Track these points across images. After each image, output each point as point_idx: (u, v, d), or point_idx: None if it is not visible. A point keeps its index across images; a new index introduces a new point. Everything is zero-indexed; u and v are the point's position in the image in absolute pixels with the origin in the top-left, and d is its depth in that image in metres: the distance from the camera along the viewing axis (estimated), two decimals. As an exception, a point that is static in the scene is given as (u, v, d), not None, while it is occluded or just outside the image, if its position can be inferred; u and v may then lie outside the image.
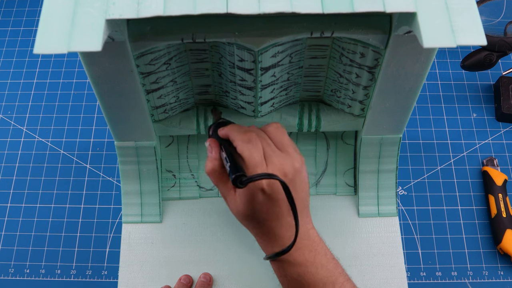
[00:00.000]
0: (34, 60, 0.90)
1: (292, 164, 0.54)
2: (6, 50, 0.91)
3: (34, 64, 0.89)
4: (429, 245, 0.75)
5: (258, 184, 0.52)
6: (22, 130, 0.83)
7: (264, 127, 0.58)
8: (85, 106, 0.85)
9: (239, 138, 0.55)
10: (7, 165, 0.81)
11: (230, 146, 0.56)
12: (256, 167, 0.52)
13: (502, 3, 0.84)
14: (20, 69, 0.89)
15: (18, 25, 0.93)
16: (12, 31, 0.93)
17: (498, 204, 0.75)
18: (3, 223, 0.77)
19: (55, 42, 0.40)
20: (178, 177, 0.77)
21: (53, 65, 0.89)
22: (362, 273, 0.72)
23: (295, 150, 0.57)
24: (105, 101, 0.61)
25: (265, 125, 0.58)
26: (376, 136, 0.70)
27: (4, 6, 0.96)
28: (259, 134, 0.56)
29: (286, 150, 0.56)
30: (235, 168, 0.52)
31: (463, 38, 0.41)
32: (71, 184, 0.79)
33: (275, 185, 0.52)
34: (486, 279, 0.72)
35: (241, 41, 0.53)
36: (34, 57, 0.90)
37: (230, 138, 0.56)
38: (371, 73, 0.60)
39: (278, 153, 0.55)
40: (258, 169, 0.52)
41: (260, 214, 0.54)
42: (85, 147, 0.82)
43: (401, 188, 0.79)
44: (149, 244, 0.74)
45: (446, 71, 0.89)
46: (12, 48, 0.91)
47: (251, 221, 0.56)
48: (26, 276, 0.73)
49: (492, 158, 0.80)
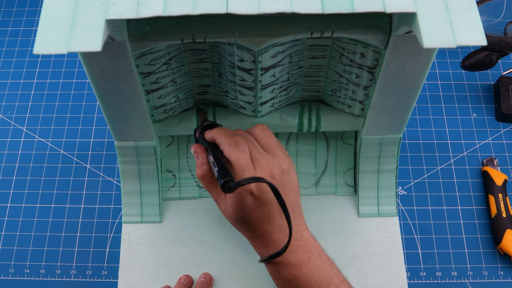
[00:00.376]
0: (34, 60, 0.90)
1: (280, 166, 0.55)
2: (6, 50, 0.91)
3: (34, 64, 0.89)
4: (429, 245, 0.75)
5: (247, 187, 0.52)
6: (22, 130, 0.83)
7: (250, 130, 0.58)
8: (85, 106, 0.85)
9: (226, 142, 0.55)
10: (7, 165, 0.81)
11: (217, 150, 0.56)
12: (244, 170, 0.53)
13: (502, 3, 0.83)
14: (20, 69, 0.89)
15: (18, 25, 0.93)
16: (12, 31, 0.93)
17: (498, 204, 0.75)
18: (3, 223, 0.76)
19: (55, 42, 0.40)
20: (178, 177, 0.77)
21: (53, 65, 0.89)
22: (362, 273, 0.72)
23: (283, 151, 0.57)
24: (105, 101, 0.61)
25: (251, 127, 0.58)
26: (376, 136, 0.70)
27: (4, 6, 0.95)
28: (246, 137, 0.56)
29: (273, 152, 0.56)
30: (223, 173, 0.52)
31: (463, 38, 0.41)
32: (71, 184, 0.79)
33: (264, 188, 0.53)
34: (486, 279, 0.72)
35: (241, 41, 0.53)
36: (34, 57, 0.90)
37: (216, 142, 0.56)
38: (371, 73, 0.60)
39: (265, 156, 0.55)
40: (245, 173, 0.53)
41: (251, 217, 0.55)
42: (85, 147, 0.82)
43: (401, 188, 0.79)
44: (149, 244, 0.74)
45: (446, 71, 0.88)
46: (12, 48, 0.91)
47: (243, 224, 0.56)
48: (26, 276, 0.73)
49: (492, 158, 0.80)
